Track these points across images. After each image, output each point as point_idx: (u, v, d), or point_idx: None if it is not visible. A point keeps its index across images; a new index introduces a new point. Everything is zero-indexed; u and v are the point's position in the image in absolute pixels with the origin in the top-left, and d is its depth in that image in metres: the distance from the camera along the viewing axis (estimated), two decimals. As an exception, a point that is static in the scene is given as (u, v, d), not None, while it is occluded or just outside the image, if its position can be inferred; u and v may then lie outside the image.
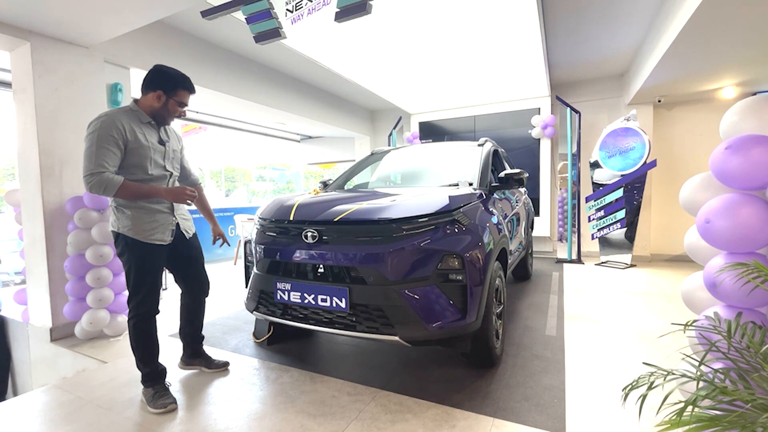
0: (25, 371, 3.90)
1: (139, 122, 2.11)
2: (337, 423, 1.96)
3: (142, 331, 2.17)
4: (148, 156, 2.10)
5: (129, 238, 2.07)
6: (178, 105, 2.17)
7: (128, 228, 2.07)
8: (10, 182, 11.90)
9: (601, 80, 6.51)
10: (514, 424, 1.91)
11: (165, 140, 2.23)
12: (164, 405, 2.11)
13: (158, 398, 2.14)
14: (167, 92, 2.12)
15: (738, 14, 3.23)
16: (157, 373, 2.23)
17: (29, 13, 2.94)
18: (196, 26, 4.39)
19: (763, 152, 1.44)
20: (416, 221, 2.17)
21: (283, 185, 24.09)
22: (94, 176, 1.92)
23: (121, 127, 2.01)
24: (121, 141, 2.00)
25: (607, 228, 5.87)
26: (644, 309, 3.71)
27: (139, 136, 2.07)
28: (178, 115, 2.22)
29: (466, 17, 3.71)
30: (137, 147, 2.05)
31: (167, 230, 2.19)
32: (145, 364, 2.20)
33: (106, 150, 1.96)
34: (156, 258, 2.16)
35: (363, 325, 2.15)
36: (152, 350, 2.22)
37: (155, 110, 2.14)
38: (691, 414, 0.96)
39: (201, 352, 2.60)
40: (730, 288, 1.43)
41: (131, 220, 2.07)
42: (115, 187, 1.95)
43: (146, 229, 2.10)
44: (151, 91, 2.12)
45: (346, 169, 3.84)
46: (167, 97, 2.13)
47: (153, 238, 2.12)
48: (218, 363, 2.57)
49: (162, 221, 2.16)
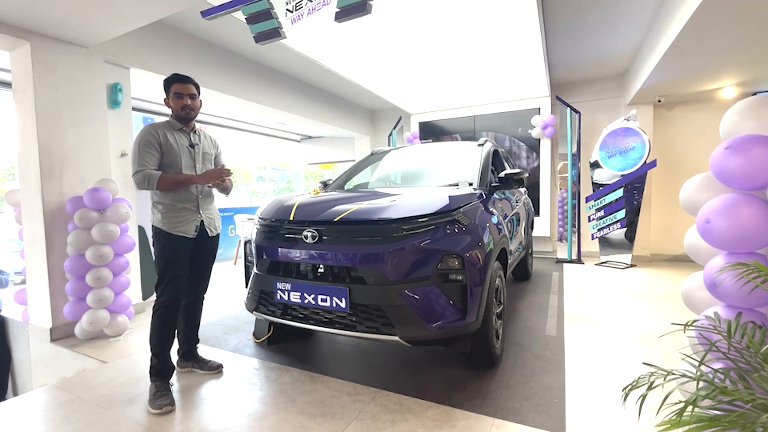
0: (25, 371, 3.90)
1: (173, 130, 2.43)
2: (337, 423, 1.96)
3: (163, 319, 2.32)
4: (178, 156, 2.38)
5: (158, 229, 2.35)
6: (177, 97, 2.38)
7: (159, 221, 2.35)
8: (10, 182, 11.90)
9: (601, 80, 6.51)
10: (514, 424, 1.91)
11: (195, 143, 2.48)
12: (160, 406, 2.14)
13: (157, 398, 2.18)
14: (166, 94, 2.42)
15: (738, 14, 3.23)
16: (164, 367, 2.31)
17: (29, 13, 2.94)
18: (196, 26, 4.39)
19: (763, 152, 1.44)
20: (416, 221, 2.17)
21: (283, 185, 24.08)
22: (138, 174, 2.26)
23: (157, 134, 2.35)
24: (157, 144, 2.33)
25: (607, 228, 5.87)
26: (644, 309, 3.71)
27: (171, 140, 2.38)
28: (185, 108, 2.39)
29: (466, 17, 3.71)
30: (169, 149, 2.36)
31: (192, 225, 2.40)
32: (155, 354, 2.31)
33: (146, 152, 2.30)
34: (179, 248, 2.36)
35: (363, 325, 2.15)
36: (166, 341, 2.33)
37: (173, 113, 2.44)
38: (691, 414, 0.96)
39: (194, 354, 2.64)
40: (730, 288, 1.43)
41: (162, 215, 2.35)
42: (155, 179, 2.26)
43: (173, 222, 2.34)
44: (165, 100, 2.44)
45: (346, 169, 3.84)
46: (168, 98, 2.42)
47: (178, 230, 2.35)
48: (212, 365, 2.59)
49: (187, 217, 2.39)
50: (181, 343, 2.62)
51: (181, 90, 2.39)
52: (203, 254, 2.53)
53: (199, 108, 2.51)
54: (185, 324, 2.58)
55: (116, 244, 3.35)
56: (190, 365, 2.60)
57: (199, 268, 2.54)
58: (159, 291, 2.32)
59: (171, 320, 2.34)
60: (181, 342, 2.62)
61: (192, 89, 2.43)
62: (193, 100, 2.43)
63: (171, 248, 2.35)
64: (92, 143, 3.60)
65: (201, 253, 2.50)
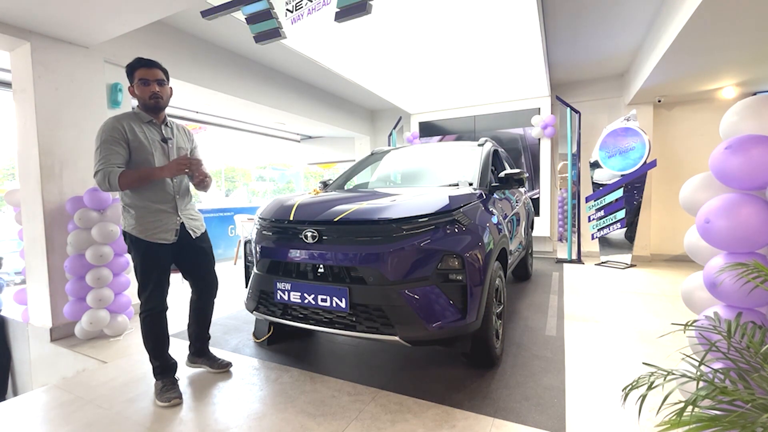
0: (25, 371, 3.90)
1: (140, 122, 2.20)
2: (337, 423, 1.96)
3: (151, 326, 2.24)
4: (149, 152, 2.17)
5: (133, 236, 2.16)
6: (143, 84, 2.15)
7: (132, 227, 2.16)
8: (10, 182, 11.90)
9: (601, 80, 6.51)
10: (514, 424, 1.91)
11: (168, 137, 2.27)
12: (169, 399, 2.16)
13: (165, 392, 2.19)
14: (130, 80, 2.19)
15: (738, 14, 3.23)
16: (166, 366, 2.30)
17: (29, 13, 2.94)
18: (196, 26, 4.39)
19: (763, 152, 1.44)
20: (416, 221, 2.17)
21: (283, 185, 24.08)
22: (98, 173, 2.06)
23: (121, 127, 2.11)
24: (122, 140, 2.10)
25: (607, 228, 5.87)
26: (644, 309, 3.71)
27: (139, 134, 2.15)
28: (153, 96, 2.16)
29: (466, 17, 3.71)
30: (138, 146, 2.14)
31: (170, 230, 2.22)
32: (154, 357, 2.28)
33: (109, 149, 2.07)
34: (159, 257, 2.21)
35: (363, 325, 2.15)
36: (161, 345, 2.29)
37: (139, 102, 2.20)
38: (691, 414, 0.96)
39: (206, 351, 2.60)
40: (730, 288, 1.43)
41: (135, 220, 2.15)
42: (115, 177, 2.04)
43: (149, 228, 2.16)
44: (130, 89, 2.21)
45: (346, 169, 3.84)
46: (132, 85, 2.18)
47: (156, 238, 2.18)
48: (222, 363, 2.57)
49: (165, 221, 2.20)
50: (192, 341, 2.58)
51: (147, 75, 2.14)
52: (193, 255, 2.37)
53: (170, 96, 2.27)
54: (195, 324, 2.53)
55: (116, 244, 3.35)
56: (201, 362, 2.57)
57: (194, 269, 2.42)
58: (142, 300, 2.21)
59: (159, 327, 2.25)
60: (192, 340, 2.58)
61: (159, 74, 2.18)
62: (161, 87, 2.18)
63: (150, 258, 2.17)
64: (92, 143, 3.54)
65: (190, 255, 2.35)
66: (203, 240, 2.45)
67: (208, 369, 2.56)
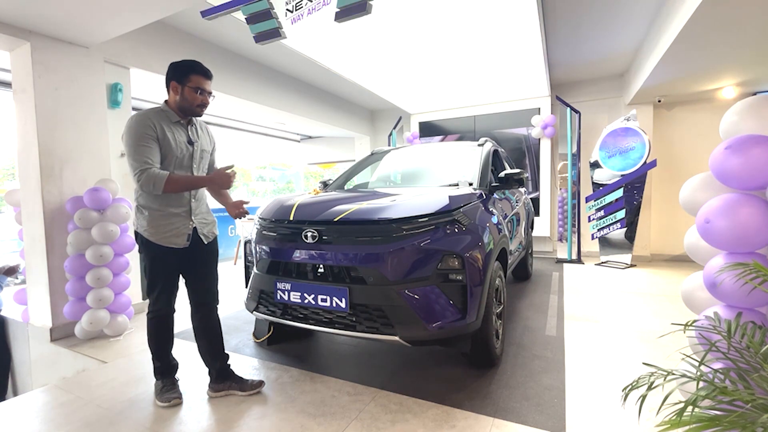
0: (25, 371, 3.90)
1: (169, 122, 2.11)
2: (337, 423, 1.96)
3: (156, 328, 2.21)
4: (175, 154, 2.10)
5: (145, 238, 2.11)
6: (195, 91, 2.10)
7: (144, 228, 2.10)
8: (10, 182, 11.90)
9: (601, 80, 6.51)
10: (514, 424, 1.91)
11: (194, 140, 2.19)
12: (169, 399, 2.16)
13: (165, 392, 2.19)
14: (180, 81, 2.10)
15: (738, 14, 3.23)
16: (168, 367, 2.28)
17: (29, 13, 2.94)
18: (196, 26, 4.39)
19: (763, 152, 1.44)
20: (416, 221, 2.17)
21: (283, 185, 24.07)
22: (143, 173, 1.96)
23: (152, 125, 2.03)
24: (155, 138, 2.02)
25: (607, 228, 5.87)
26: (644, 309, 3.71)
27: (168, 134, 2.07)
28: (202, 104, 2.14)
29: (466, 17, 3.71)
30: (166, 145, 2.06)
31: (183, 234, 2.13)
32: (157, 358, 2.25)
33: (145, 147, 1.99)
34: (169, 261, 2.14)
35: (363, 325, 2.15)
36: (165, 346, 2.26)
37: (179, 104, 2.12)
38: (691, 414, 0.96)
39: (230, 373, 2.31)
40: (730, 288, 1.43)
41: (148, 222, 2.08)
42: (162, 181, 1.97)
43: (161, 231, 2.09)
44: (169, 86, 2.13)
45: (346, 169, 3.84)
46: (182, 86, 2.10)
47: (167, 242, 2.10)
48: (253, 383, 2.28)
49: (178, 225, 2.12)
50: (209, 365, 2.29)
51: (203, 85, 2.11)
52: (202, 262, 2.24)
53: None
54: (208, 342, 2.29)
55: (116, 244, 3.35)
56: (227, 387, 2.26)
57: (200, 279, 2.26)
58: (151, 301, 2.18)
59: (166, 328, 2.22)
60: (209, 363, 2.29)
61: (210, 86, 2.16)
62: (209, 98, 2.16)
63: (160, 261, 2.12)
64: (92, 143, 3.60)
65: (199, 261, 2.23)
66: (214, 245, 2.32)
67: (237, 393, 2.25)
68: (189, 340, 3.19)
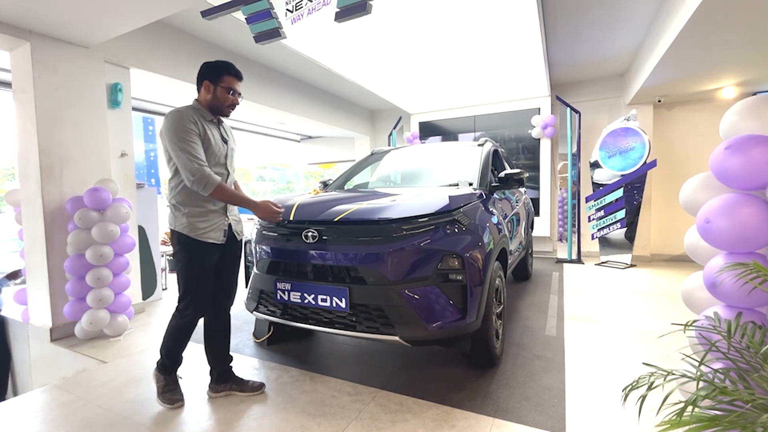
0: (25, 371, 3.90)
1: (204, 120, 2.12)
2: (337, 423, 1.96)
3: (184, 330, 2.16)
4: (214, 152, 2.10)
5: (183, 235, 2.06)
6: (227, 92, 2.13)
7: (184, 226, 2.06)
8: (10, 182, 11.90)
9: (601, 80, 6.51)
10: (514, 424, 1.91)
11: (227, 138, 2.22)
12: (172, 401, 2.14)
13: (167, 391, 2.16)
14: (213, 80, 2.12)
15: (738, 14, 3.23)
16: (174, 363, 2.23)
17: (29, 13, 2.94)
18: (196, 26, 4.39)
19: (763, 152, 1.44)
20: (416, 221, 2.17)
21: (283, 185, 24.07)
22: (199, 170, 1.96)
23: (195, 120, 2.04)
24: (198, 135, 2.03)
25: (607, 228, 5.87)
26: (644, 309, 3.71)
27: (208, 132, 2.09)
28: (232, 105, 2.18)
29: (466, 17, 3.71)
30: (206, 142, 2.07)
31: (220, 230, 2.15)
32: (167, 356, 2.19)
33: (193, 143, 1.99)
34: (208, 257, 2.12)
35: (363, 325, 2.15)
36: (180, 347, 2.20)
37: (210, 103, 2.13)
38: (691, 414, 0.96)
39: (232, 374, 2.32)
40: (729, 288, 1.43)
41: (186, 218, 2.06)
42: (213, 185, 1.99)
43: (201, 227, 2.07)
44: (200, 85, 2.14)
45: (346, 169, 3.84)
46: (214, 86, 2.12)
47: (207, 237, 2.09)
48: (253, 385, 2.28)
49: (216, 221, 2.13)
50: (213, 365, 2.30)
51: (235, 86, 2.15)
52: (229, 262, 2.27)
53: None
54: (216, 342, 2.29)
55: (116, 244, 3.35)
56: (227, 388, 2.27)
57: (224, 278, 2.27)
58: (182, 304, 2.11)
59: (191, 331, 2.17)
60: (213, 363, 2.30)
61: (240, 87, 2.20)
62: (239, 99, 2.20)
63: (199, 258, 2.08)
64: (92, 143, 3.60)
65: (228, 260, 2.25)
66: (241, 245, 2.36)
67: (236, 393, 2.27)
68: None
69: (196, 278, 2.10)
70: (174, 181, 2.09)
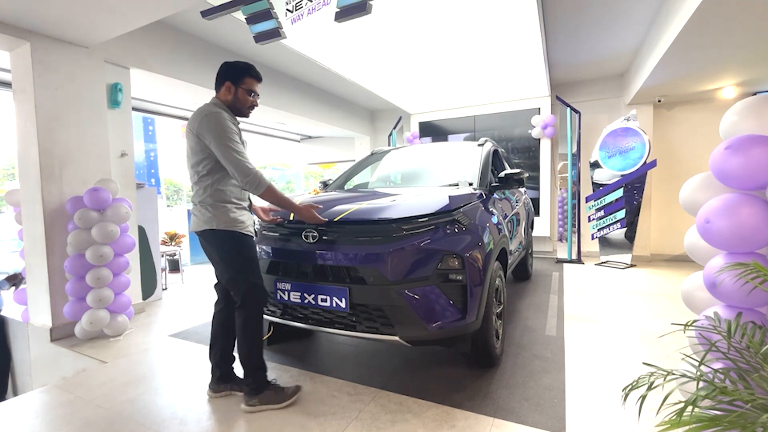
0: (25, 371, 3.90)
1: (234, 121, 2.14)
2: (337, 423, 1.96)
3: (256, 327, 2.11)
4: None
5: (228, 231, 2.07)
6: (248, 93, 2.16)
7: (229, 222, 2.07)
8: (10, 182, 11.90)
9: (601, 80, 6.51)
10: (514, 424, 1.91)
11: (245, 140, 2.22)
12: (294, 391, 2.16)
13: (280, 392, 2.13)
14: (234, 81, 2.13)
15: (738, 15, 3.23)
16: (263, 371, 2.16)
17: (29, 13, 2.94)
18: (196, 26, 4.39)
19: (763, 152, 1.44)
20: (416, 221, 2.17)
21: (283, 185, 24.09)
22: (252, 171, 2.00)
23: (233, 121, 2.10)
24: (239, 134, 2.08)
25: (607, 228, 5.87)
26: (644, 309, 3.71)
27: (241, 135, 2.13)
28: (252, 106, 2.20)
29: (466, 17, 3.71)
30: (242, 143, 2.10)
31: (251, 225, 2.21)
32: (251, 360, 2.11)
33: (240, 145, 2.03)
34: (252, 249, 2.16)
35: (363, 325, 2.15)
36: (260, 347, 2.16)
37: (230, 103, 2.15)
38: (691, 414, 0.96)
39: (233, 375, 2.31)
40: (730, 288, 1.43)
41: (229, 215, 2.08)
42: (264, 186, 2.03)
43: (241, 221, 2.12)
44: (221, 85, 2.15)
45: (346, 169, 3.84)
46: (235, 87, 2.14)
47: (248, 230, 2.15)
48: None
49: (246, 216, 2.18)
50: (218, 365, 2.27)
51: (255, 88, 2.18)
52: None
53: None
54: (225, 338, 2.27)
55: (116, 244, 3.35)
56: (228, 388, 2.26)
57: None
58: (241, 299, 2.08)
59: (261, 325, 2.13)
60: (219, 363, 2.27)
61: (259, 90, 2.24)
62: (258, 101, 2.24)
63: (246, 251, 2.12)
64: (92, 143, 3.60)
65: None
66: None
67: (238, 394, 2.25)
68: (188, 340, 3.19)
69: (249, 269, 2.10)
70: (208, 179, 2.07)
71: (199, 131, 2.02)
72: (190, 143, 2.08)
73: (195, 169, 2.08)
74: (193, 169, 2.10)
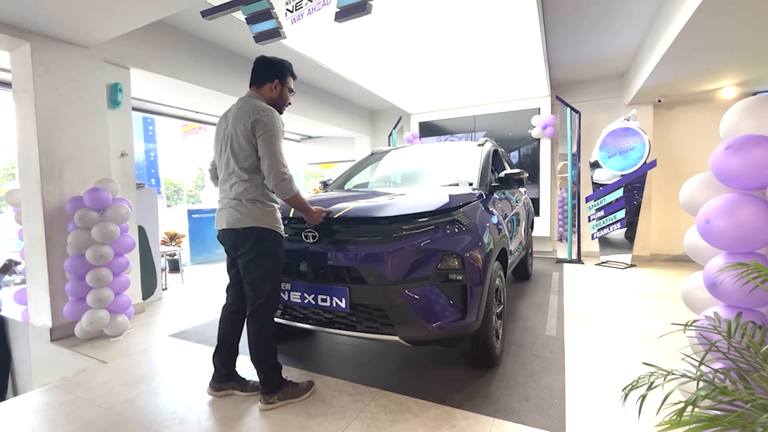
0: (25, 371, 3.90)
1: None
2: (337, 423, 1.96)
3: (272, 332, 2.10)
4: None
5: (270, 230, 2.06)
6: (289, 91, 2.20)
7: (274, 222, 2.08)
8: (10, 182, 11.91)
9: (601, 80, 6.51)
10: (514, 424, 1.91)
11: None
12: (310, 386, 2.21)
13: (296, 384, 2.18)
14: (282, 80, 2.15)
15: (738, 15, 3.23)
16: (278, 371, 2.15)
17: (29, 13, 2.94)
18: (196, 26, 4.39)
19: (763, 152, 1.44)
20: (416, 221, 2.17)
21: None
22: (287, 174, 1.99)
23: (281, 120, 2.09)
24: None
25: (607, 228, 5.87)
26: (644, 309, 3.71)
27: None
28: (288, 105, 2.24)
29: (466, 17, 3.71)
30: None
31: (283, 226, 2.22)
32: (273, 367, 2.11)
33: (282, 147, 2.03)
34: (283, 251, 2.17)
35: (363, 325, 2.15)
36: (275, 349, 2.14)
37: (274, 101, 2.15)
38: (691, 414, 0.96)
39: (235, 374, 2.30)
40: (730, 288, 1.43)
41: (273, 214, 2.09)
42: (293, 192, 2.02)
43: (279, 220, 2.13)
44: (267, 82, 2.14)
45: (346, 169, 3.84)
46: (282, 86, 2.16)
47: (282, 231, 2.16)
48: (255, 384, 2.25)
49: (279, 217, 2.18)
50: (224, 364, 2.24)
51: (293, 87, 2.23)
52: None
53: None
54: (232, 338, 2.25)
55: (116, 244, 3.35)
56: (229, 387, 2.25)
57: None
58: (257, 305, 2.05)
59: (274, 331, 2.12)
60: (224, 359, 2.23)
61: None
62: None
63: (280, 252, 2.12)
64: (92, 143, 3.60)
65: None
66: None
67: (237, 393, 2.25)
68: (188, 340, 3.19)
69: (277, 272, 2.11)
70: (259, 178, 2.04)
71: (254, 125, 1.96)
72: (238, 138, 2.01)
73: (242, 164, 2.02)
74: (238, 165, 2.03)
